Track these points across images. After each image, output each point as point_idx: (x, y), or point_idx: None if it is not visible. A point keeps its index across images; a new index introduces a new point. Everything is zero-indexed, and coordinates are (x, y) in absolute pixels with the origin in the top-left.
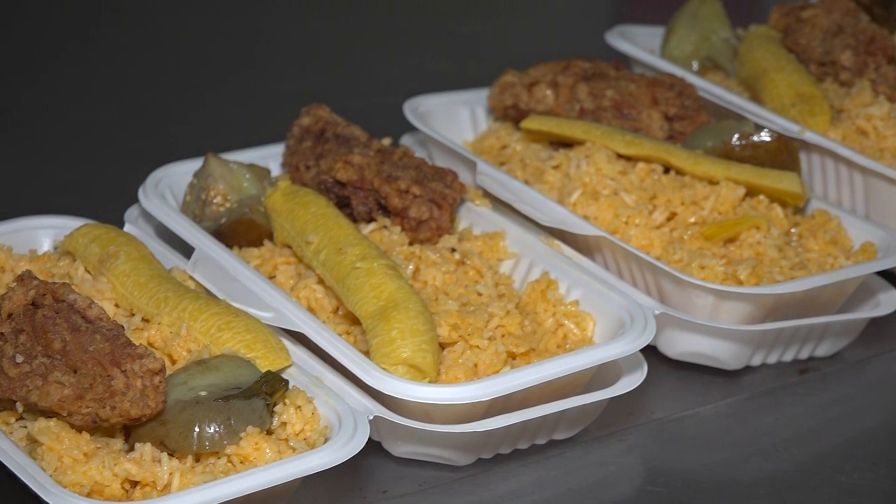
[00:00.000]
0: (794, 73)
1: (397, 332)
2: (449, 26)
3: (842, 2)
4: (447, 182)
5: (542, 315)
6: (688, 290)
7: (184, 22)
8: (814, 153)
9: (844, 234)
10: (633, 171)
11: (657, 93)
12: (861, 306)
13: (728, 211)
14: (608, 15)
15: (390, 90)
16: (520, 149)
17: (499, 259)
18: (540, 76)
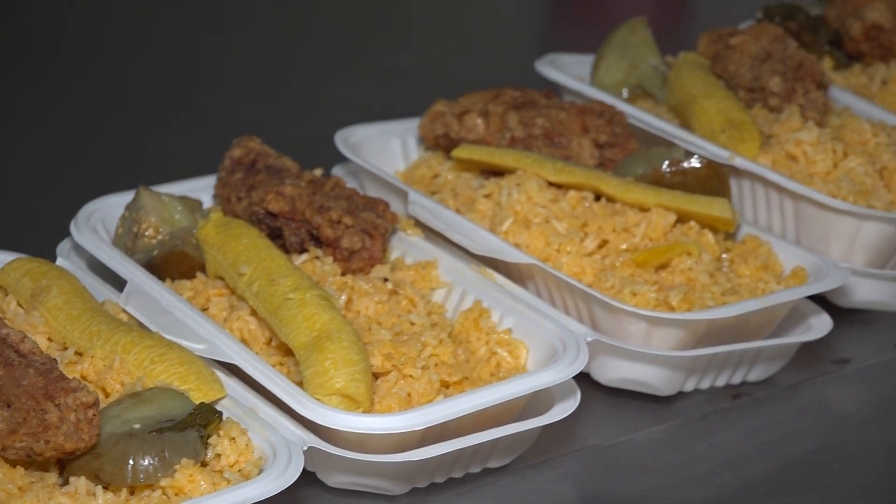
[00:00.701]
0: (723, 100)
1: (330, 362)
2: (380, 57)
3: (770, 28)
4: (379, 212)
5: (475, 344)
6: (620, 317)
7: (114, 54)
8: (744, 179)
9: (775, 259)
10: (565, 199)
11: (587, 120)
12: (792, 330)
13: (659, 237)
14: (538, 44)
15: (321, 121)
16: (451, 178)
17: (431, 288)
18: (470, 105)
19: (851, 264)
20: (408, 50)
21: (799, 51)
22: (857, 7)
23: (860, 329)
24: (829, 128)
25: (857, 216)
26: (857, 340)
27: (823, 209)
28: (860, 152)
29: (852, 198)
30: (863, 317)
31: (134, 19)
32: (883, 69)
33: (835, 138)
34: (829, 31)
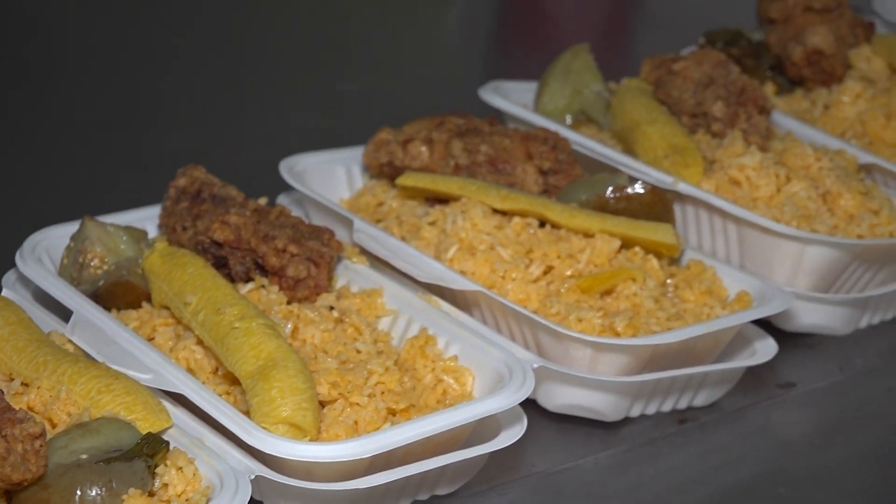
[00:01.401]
0: (666, 126)
1: (277, 391)
2: (324, 85)
3: (712, 54)
4: (324, 240)
5: (422, 371)
6: (565, 343)
7: (58, 82)
8: (688, 204)
9: (720, 283)
10: (509, 226)
11: (531, 147)
12: (737, 355)
13: (604, 263)
14: (481, 71)
15: (266, 149)
16: (396, 206)
17: (377, 316)
18: (414, 133)
19: (796, 288)
20: (352, 78)
21: (741, 76)
22: (799, 32)
23: (805, 353)
24: (772, 153)
25: (800, 240)
26: (802, 364)
27: (767, 234)
28: (803, 177)
29: (796, 222)
30: (807, 341)
31: (77, 49)
32: (825, 94)
33: (778, 163)
34: (771, 57)
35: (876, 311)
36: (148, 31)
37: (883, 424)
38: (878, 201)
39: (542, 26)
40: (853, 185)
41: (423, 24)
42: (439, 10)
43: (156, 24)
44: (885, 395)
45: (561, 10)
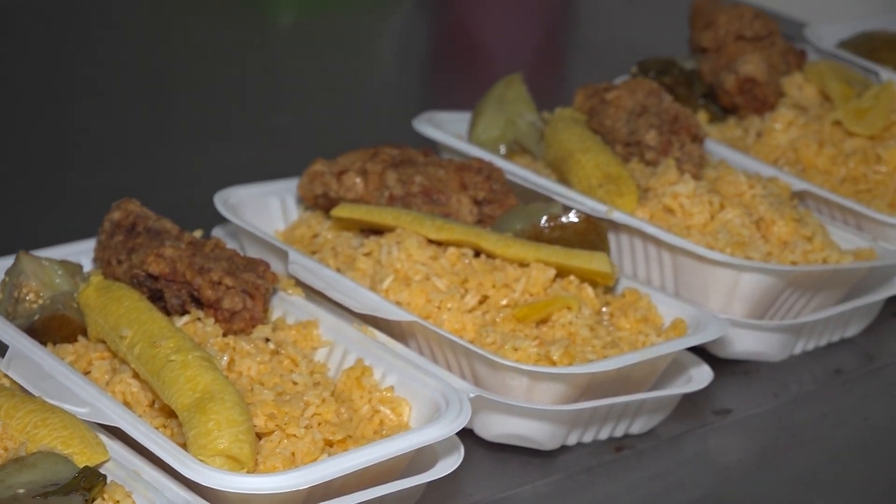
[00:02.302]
0: (600, 154)
1: (213, 423)
2: (258, 117)
3: (645, 83)
4: (259, 272)
5: (358, 402)
6: (502, 373)
7: None
8: (622, 232)
9: (655, 311)
10: (444, 256)
11: (465, 177)
12: (674, 382)
13: (539, 292)
14: (415, 102)
15: (201, 182)
16: (331, 237)
17: (313, 347)
18: (349, 164)
19: (730, 315)
20: (286, 110)
21: (674, 105)
22: (731, 60)
23: (741, 379)
24: (706, 180)
25: (735, 267)
26: (738, 391)
27: (701, 261)
28: (737, 204)
29: (730, 249)
30: (743, 367)
31: (7, 85)
32: (757, 121)
33: (711, 191)
34: (704, 85)
35: (810, 337)
36: (78, 67)
37: (818, 450)
38: (811, 228)
39: (476, 56)
40: (786, 211)
41: (357, 55)
42: (372, 42)
43: (86, 59)
44: (820, 420)
45: (494, 40)
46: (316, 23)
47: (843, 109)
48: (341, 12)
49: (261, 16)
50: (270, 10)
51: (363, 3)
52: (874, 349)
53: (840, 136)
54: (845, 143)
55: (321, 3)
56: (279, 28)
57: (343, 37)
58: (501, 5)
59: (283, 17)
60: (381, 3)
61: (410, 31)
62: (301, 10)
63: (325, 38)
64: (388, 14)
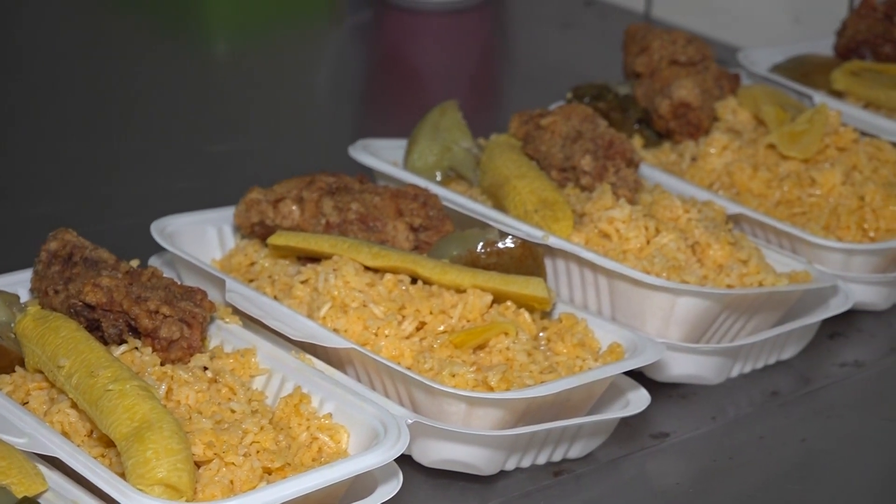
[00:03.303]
0: (535, 180)
1: (152, 452)
2: (194, 146)
3: (580, 108)
4: (196, 301)
5: (297, 429)
6: (439, 399)
7: None
8: (558, 258)
9: (591, 336)
10: (381, 283)
11: (402, 204)
12: (611, 406)
13: (476, 318)
14: (351, 129)
15: (137, 211)
16: (268, 265)
17: (251, 375)
18: (285, 192)
19: (667, 339)
20: (222, 139)
21: (609, 130)
22: (665, 85)
23: (678, 403)
24: (641, 205)
25: (671, 291)
26: (675, 414)
27: (638, 285)
28: (672, 228)
29: (666, 273)
30: (680, 390)
31: None
32: (692, 146)
33: (647, 215)
34: (639, 110)
35: (747, 360)
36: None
37: (755, 472)
38: (746, 251)
39: (411, 84)
40: (722, 235)
41: (292, 83)
42: (308, 70)
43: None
44: (758, 443)
45: (428, 67)
46: (251, 51)
47: (777, 133)
48: (276, 41)
49: (196, 45)
50: (205, 38)
51: (298, 32)
52: (810, 371)
53: (774, 159)
54: (779, 167)
55: (256, 32)
56: (214, 57)
57: (278, 65)
58: (436, 32)
59: (219, 45)
60: (317, 32)
61: (345, 59)
62: (236, 38)
63: (261, 66)
64: (324, 42)
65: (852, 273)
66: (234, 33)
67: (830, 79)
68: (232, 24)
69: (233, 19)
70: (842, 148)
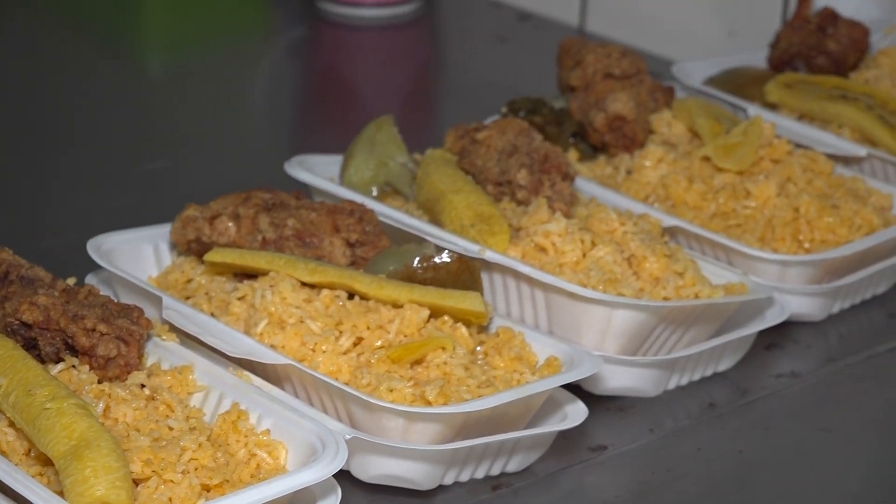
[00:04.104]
0: (471, 194)
1: (90, 470)
2: (129, 164)
3: (515, 122)
4: (133, 318)
5: (235, 446)
6: (377, 414)
7: None
8: (495, 272)
9: (529, 349)
10: (318, 299)
11: (338, 220)
12: (549, 419)
13: (413, 333)
14: (287, 145)
15: (73, 229)
16: (204, 282)
17: (189, 392)
18: (221, 209)
19: (604, 352)
20: (157, 156)
21: (544, 144)
22: (599, 99)
23: (615, 415)
24: (577, 218)
25: (607, 304)
26: (613, 427)
27: (574, 299)
28: (608, 241)
29: (602, 286)
30: (618, 403)
31: None
32: (627, 159)
33: (583, 228)
34: (574, 124)
35: (684, 372)
36: None
37: (693, 484)
38: (682, 263)
39: (346, 100)
40: (658, 248)
41: (227, 100)
42: (243, 86)
43: None
44: (695, 455)
45: (364, 82)
46: (186, 68)
47: (712, 146)
48: (212, 57)
49: (131, 62)
50: (141, 55)
51: (234, 48)
52: (747, 383)
53: (709, 171)
54: (714, 179)
55: (191, 49)
56: (150, 74)
57: (214, 82)
58: (371, 48)
59: (154, 62)
60: (252, 48)
61: (281, 75)
62: (171, 55)
63: (196, 83)
64: (259, 59)
65: (788, 284)
66: (169, 50)
67: (764, 91)
68: (167, 41)
69: (168, 36)
70: (776, 160)
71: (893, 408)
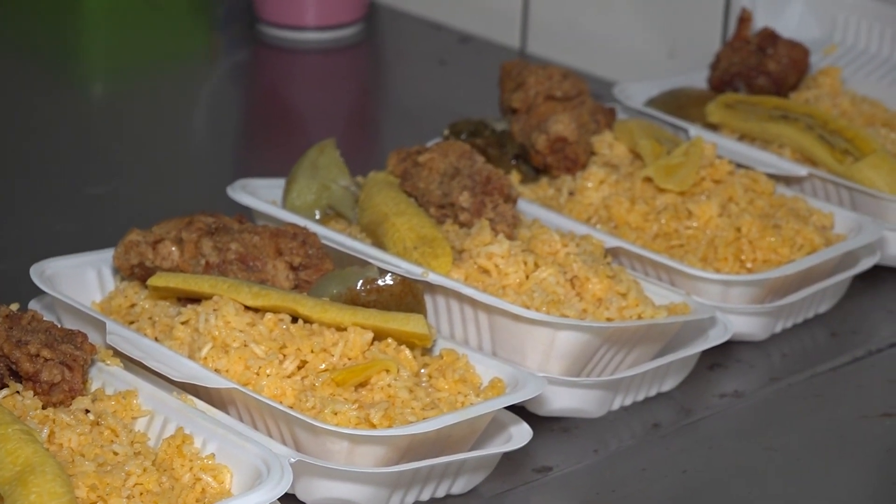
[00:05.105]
0: (414, 217)
1: (35, 496)
2: (71, 189)
3: (457, 145)
4: (77, 344)
5: (179, 470)
6: (322, 437)
7: None
8: (438, 294)
9: (473, 371)
10: (262, 322)
11: (281, 243)
12: (493, 441)
13: (357, 356)
14: (229, 169)
15: (16, 255)
16: (148, 307)
17: (133, 417)
18: (164, 233)
19: (548, 373)
20: (100, 181)
21: (486, 166)
22: (541, 121)
23: (560, 436)
24: (520, 240)
25: (551, 326)
26: (558, 448)
27: (518, 320)
28: (551, 263)
29: (545, 308)
30: (562, 424)
31: None
32: (569, 181)
33: (525, 250)
34: (516, 146)
35: (627, 392)
36: None
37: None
38: (625, 284)
39: (288, 123)
40: (600, 269)
41: (169, 124)
42: (185, 110)
43: None
44: (639, 475)
45: (307, 106)
46: (128, 92)
47: (654, 166)
48: (153, 81)
49: (73, 86)
50: (82, 80)
51: (175, 73)
52: (691, 402)
53: (651, 192)
54: (656, 200)
55: (133, 73)
56: (91, 98)
57: (156, 106)
58: (313, 71)
59: (95, 87)
60: (194, 72)
61: (223, 99)
62: (113, 79)
63: (138, 107)
64: (201, 83)
65: (730, 304)
66: (110, 74)
67: (705, 112)
68: (109, 65)
69: (110, 60)
70: (718, 180)
71: (836, 426)
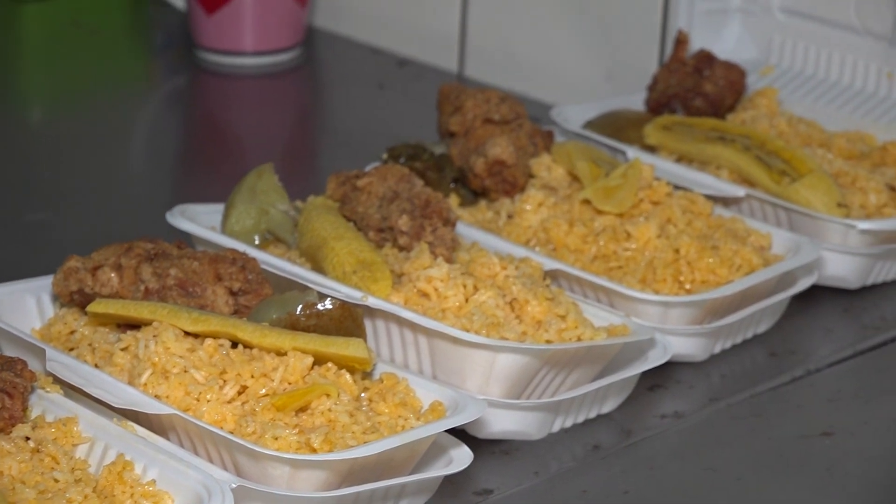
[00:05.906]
0: (353, 241)
1: None
2: (9, 216)
3: (396, 168)
4: (17, 371)
5: (121, 497)
6: (263, 462)
7: None
8: (378, 318)
9: (413, 395)
10: (202, 348)
11: (220, 269)
12: (434, 464)
13: (297, 381)
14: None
15: None
16: (88, 333)
17: (74, 444)
18: (103, 260)
19: (488, 396)
20: (38, 207)
21: (425, 189)
22: (479, 144)
23: (500, 459)
24: (459, 263)
25: (490, 349)
26: (499, 471)
27: (457, 343)
28: (490, 286)
29: (485, 331)
30: (502, 447)
31: None
32: (508, 203)
33: (465, 273)
34: (454, 169)
35: (568, 414)
36: None
37: None
38: (564, 306)
39: (227, 149)
40: (539, 291)
41: (107, 150)
42: (122, 137)
43: None
44: (581, 497)
45: (245, 131)
46: (65, 118)
47: (592, 188)
48: (91, 107)
49: (9, 112)
50: (19, 105)
51: (113, 98)
52: (631, 424)
53: (589, 214)
54: (595, 222)
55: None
56: (28, 124)
57: (93, 132)
58: (251, 96)
59: (33, 112)
60: (132, 98)
61: (161, 124)
62: (50, 105)
63: (76, 133)
64: (139, 108)
65: (670, 325)
66: (47, 100)
67: (643, 133)
68: (46, 91)
69: (48, 86)
70: (656, 202)
71: (776, 446)
